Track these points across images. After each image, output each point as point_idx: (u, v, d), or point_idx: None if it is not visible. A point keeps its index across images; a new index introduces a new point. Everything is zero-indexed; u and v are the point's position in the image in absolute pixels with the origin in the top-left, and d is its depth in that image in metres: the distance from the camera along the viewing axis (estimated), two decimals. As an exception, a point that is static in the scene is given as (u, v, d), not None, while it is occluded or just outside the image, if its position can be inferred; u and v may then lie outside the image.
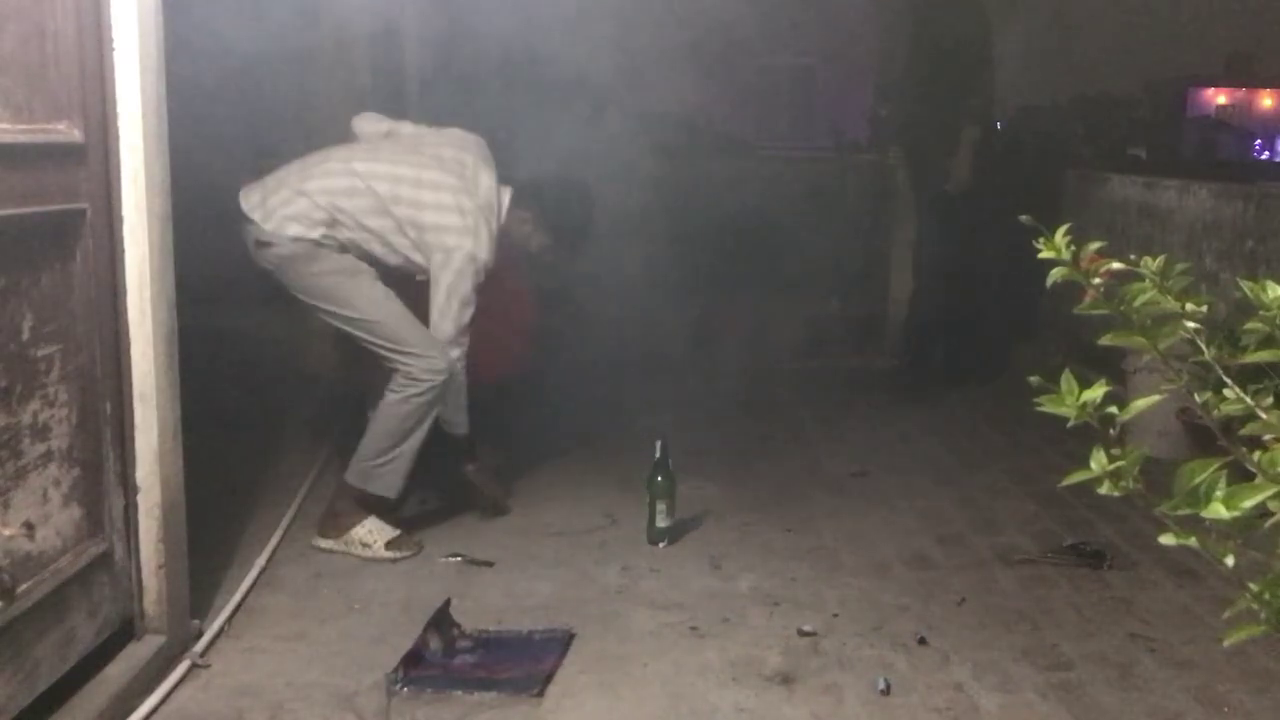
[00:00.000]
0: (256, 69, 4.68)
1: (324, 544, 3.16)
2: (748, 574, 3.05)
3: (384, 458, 3.14)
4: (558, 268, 3.80)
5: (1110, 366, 3.78)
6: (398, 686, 2.37)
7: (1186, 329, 1.16)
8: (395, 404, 3.11)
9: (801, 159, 7.30)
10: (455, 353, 3.13)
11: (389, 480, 3.15)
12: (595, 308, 5.10)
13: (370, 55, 4.93)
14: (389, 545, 3.13)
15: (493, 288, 3.22)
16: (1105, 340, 1.21)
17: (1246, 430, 1.13)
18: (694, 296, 5.58)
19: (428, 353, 3.09)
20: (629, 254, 5.16)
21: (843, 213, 6.06)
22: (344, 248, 3.10)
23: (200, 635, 2.57)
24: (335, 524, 3.16)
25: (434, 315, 3.12)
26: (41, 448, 2.07)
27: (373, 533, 3.14)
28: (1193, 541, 1.09)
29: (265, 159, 3.41)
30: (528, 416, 4.37)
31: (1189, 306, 1.16)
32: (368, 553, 3.11)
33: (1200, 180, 4.77)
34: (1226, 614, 1.13)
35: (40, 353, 2.06)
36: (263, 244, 3.07)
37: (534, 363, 4.16)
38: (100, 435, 2.27)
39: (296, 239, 3.04)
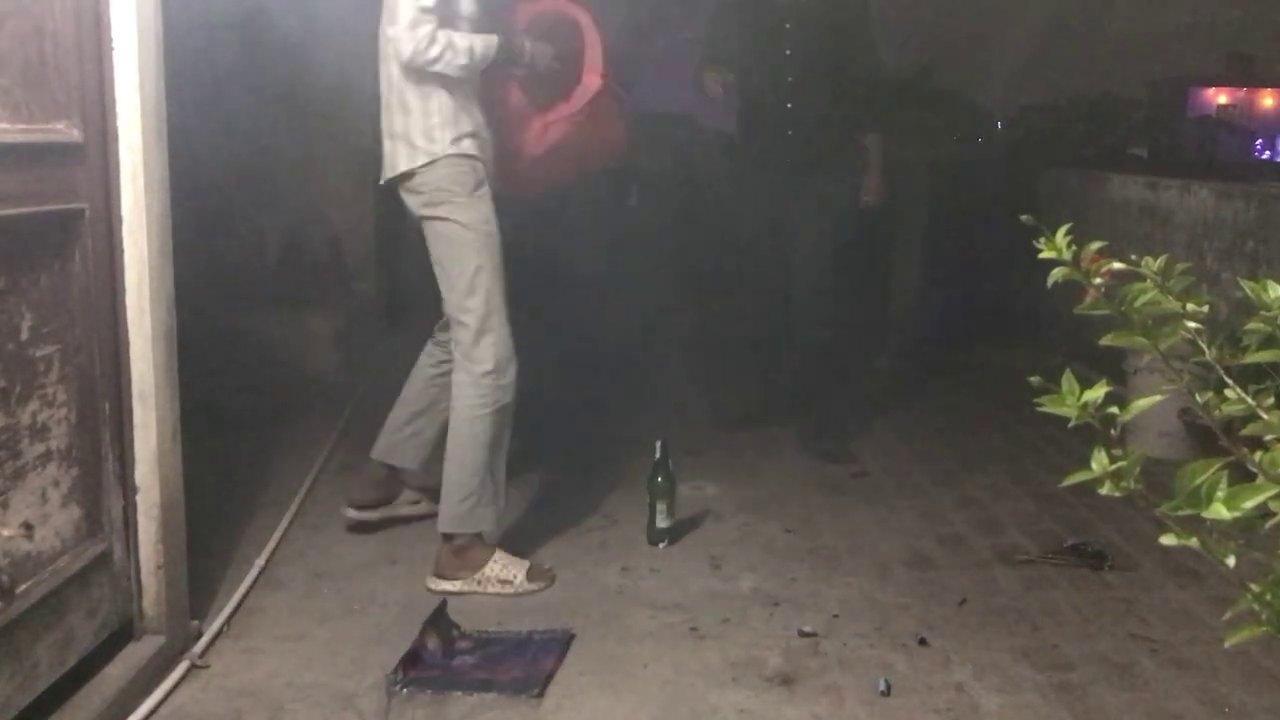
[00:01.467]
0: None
1: (452, 587, 2.87)
2: (748, 574, 3.05)
3: (469, 491, 2.89)
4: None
5: (1111, 367, 3.78)
6: (398, 687, 2.37)
7: (1187, 329, 1.16)
8: (466, 424, 2.89)
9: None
10: (406, 38, 2.75)
11: (483, 513, 2.92)
12: (593, 308, 5.10)
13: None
14: (530, 577, 2.91)
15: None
16: (1106, 340, 1.20)
17: (1248, 431, 1.13)
18: (692, 297, 5.57)
19: (502, 331, 2.88)
20: (627, 253, 5.16)
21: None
22: (480, 162, 2.89)
23: (199, 636, 2.57)
24: (463, 563, 2.90)
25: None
26: (40, 448, 2.07)
27: (508, 567, 2.91)
28: (1194, 542, 1.09)
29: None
30: (527, 417, 4.37)
31: (1190, 307, 1.16)
32: (509, 589, 2.87)
33: (1201, 180, 4.76)
34: (1227, 615, 1.13)
35: (39, 353, 2.06)
36: (408, 176, 2.87)
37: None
38: (99, 435, 2.27)
39: (447, 155, 2.83)
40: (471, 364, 2.89)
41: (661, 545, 3.23)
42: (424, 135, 2.85)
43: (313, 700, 2.34)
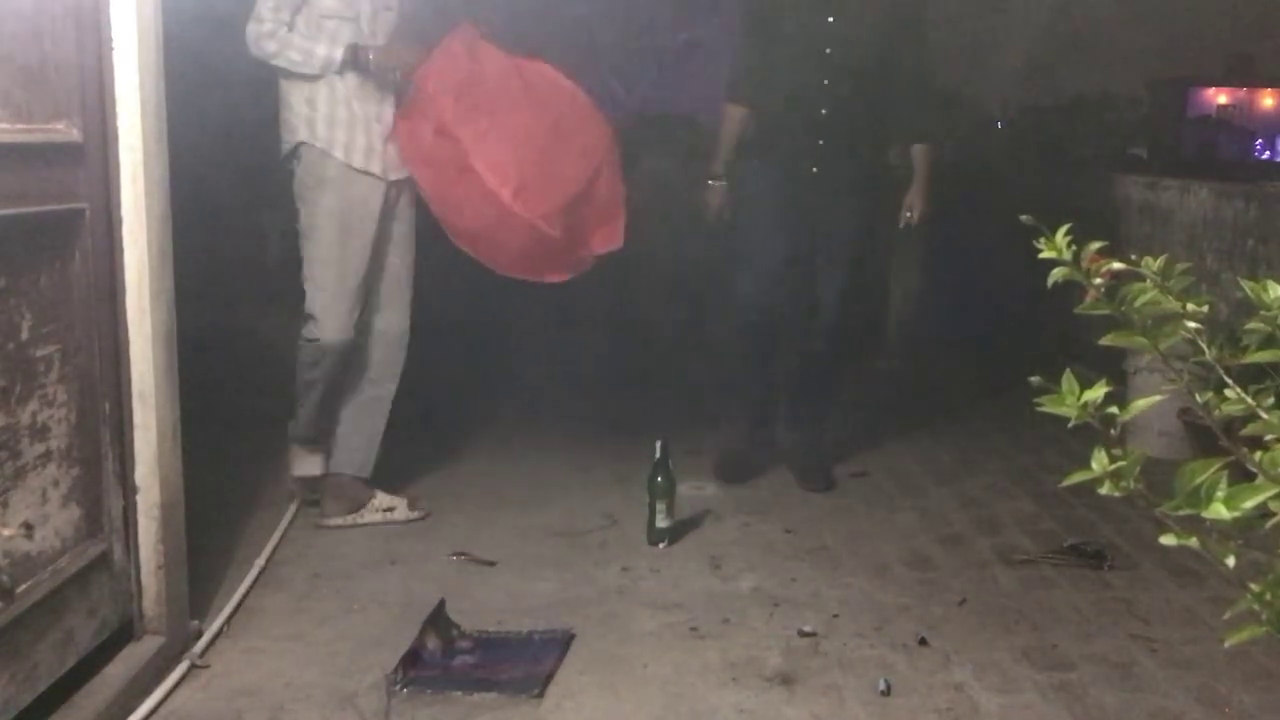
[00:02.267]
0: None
1: (336, 522, 3.30)
2: (748, 574, 3.05)
3: (294, 439, 3.36)
4: None
5: (1111, 367, 3.77)
6: (398, 687, 2.37)
7: (1187, 329, 1.16)
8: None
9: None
10: (250, 30, 3.07)
11: (295, 459, 3.37)
12: (590, 306, 5.09)
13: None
14: (411, 505, 3.36)
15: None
16: (1106, 340, 1.20)
17: (1248, 430, 1.13)
18: (690, 296, 5.57)
19: (334, 306, 3.18)
20: (627, 253, 5.15)
21: None
22: (330, 158, 3.13)
23: (200, 635, 2.57)
24: (346, 501, 3.33)
25: None
26: (40, 448, 2.07)
27: (386, 499, 3.33)
28: (1194, 542, 1.09)
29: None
30: (526, 417, 4.37)
31: (1190, 307, 1.16)
32: (394, 516, 3.31)
33: (1201, 180, 4.76)
34: (1227, 614, 1.13)
35: (39, 353, 2.06)
36: (290, 174, 3.21)
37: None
38: (99, 435, 2.27)
39: (302, 144, 3.14)
40: (303, 328, 3.25)
41: (661, 545, 3.23)
42: (287, 126, 3.16)
43: (313, 700, 2.34)
